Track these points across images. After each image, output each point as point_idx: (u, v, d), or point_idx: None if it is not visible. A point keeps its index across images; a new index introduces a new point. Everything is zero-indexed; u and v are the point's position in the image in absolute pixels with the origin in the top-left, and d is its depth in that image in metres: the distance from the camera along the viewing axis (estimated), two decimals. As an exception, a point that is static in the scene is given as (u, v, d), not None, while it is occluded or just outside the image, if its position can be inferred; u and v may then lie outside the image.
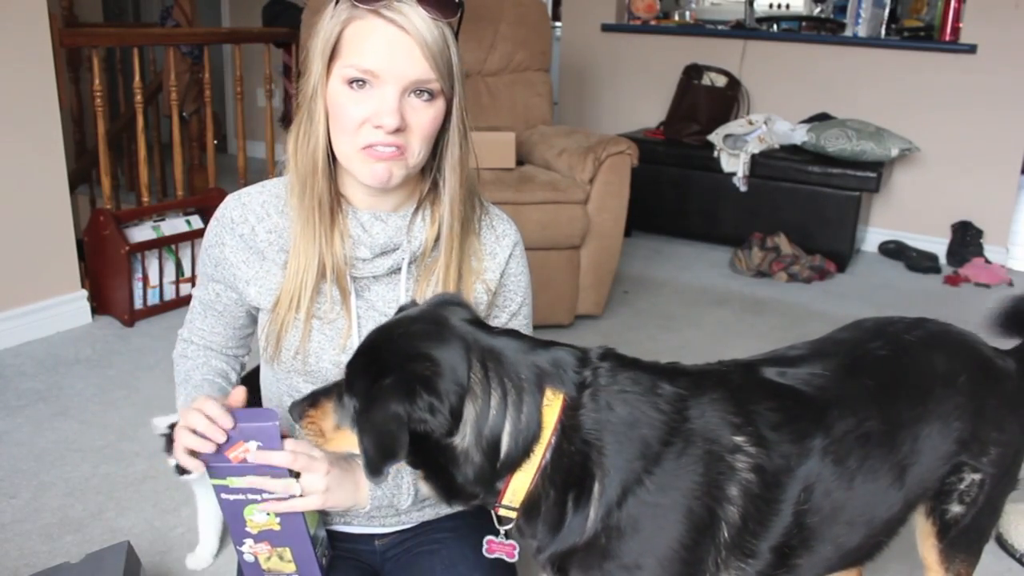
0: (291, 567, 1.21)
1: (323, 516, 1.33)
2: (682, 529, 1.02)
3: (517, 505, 1.03)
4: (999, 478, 1.25)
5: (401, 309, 1.11)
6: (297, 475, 1.13)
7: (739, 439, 1.05)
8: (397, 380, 0.95)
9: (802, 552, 1.10)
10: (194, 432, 1.09)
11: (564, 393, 1.01)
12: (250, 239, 1.23)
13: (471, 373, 0.98)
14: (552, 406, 1.00)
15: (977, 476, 1.23)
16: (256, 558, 1.20)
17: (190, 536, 1.91)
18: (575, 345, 1.08)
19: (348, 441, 1.04)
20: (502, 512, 1.05)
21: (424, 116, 1.12)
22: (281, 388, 1.30)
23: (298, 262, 1.19)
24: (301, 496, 1.13)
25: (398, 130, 1.10)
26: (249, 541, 1.18)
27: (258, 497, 1.12)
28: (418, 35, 1.07)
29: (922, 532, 1.30)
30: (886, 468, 1.14)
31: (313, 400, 1.07)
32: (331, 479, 1.14)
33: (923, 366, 1.21)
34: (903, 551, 1.40)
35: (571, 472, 1.00)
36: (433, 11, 1.08)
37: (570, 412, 1.00)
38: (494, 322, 1.30)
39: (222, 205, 1.27)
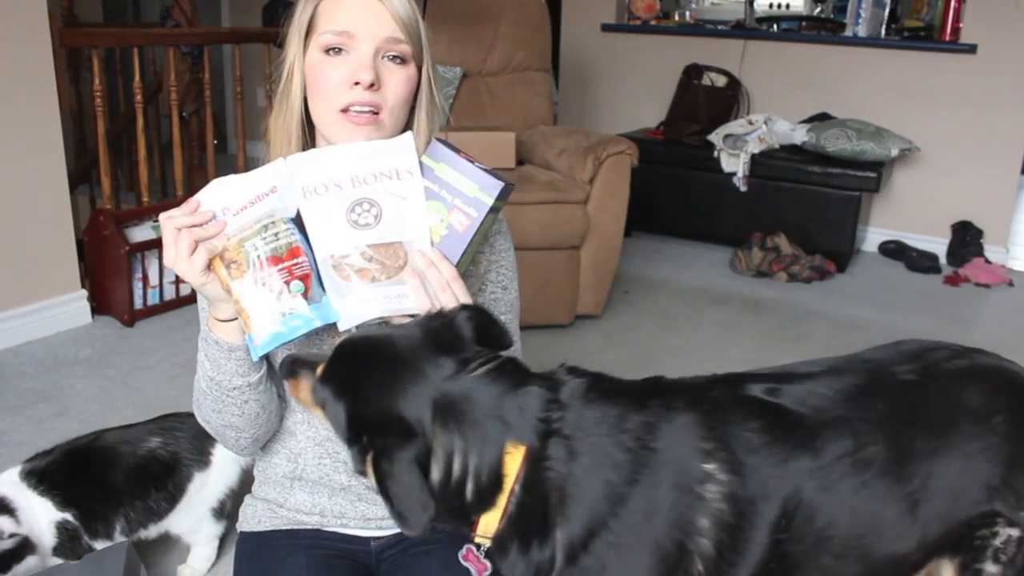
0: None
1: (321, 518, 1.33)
2: (650, 565, 0.99)
3: (490, 537, 1.04)
4: None
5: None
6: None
7: (710, 467, 1.00)
8: (381, 451, 0.98)
9: None
10: None
11: (526, 445, 0.99)
12: None
13: (435, 429, 0.99)
14: (514, 456, 0.99)
15: (1015, 532, 1.10)
16: None
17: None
18: (553, 374, 1.07)
19: (321, 416, 1.08)
20: (478, 540, 1.06)
21: (397, 78, 1.15)
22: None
23: None
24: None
25: (373, 87, 1.13)
26: None
27: (447, 198, 1.10)
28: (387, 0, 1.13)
29: None
30: (891, 499, 1.05)
31: (293, 370, 1.11)
32: None
33: (952, 397, 1.12)
34: None
35: (533, 521, 1.00)
36: None
37: (532, 464, 0.99)
38: (479, 298, 1.29)
39: None
